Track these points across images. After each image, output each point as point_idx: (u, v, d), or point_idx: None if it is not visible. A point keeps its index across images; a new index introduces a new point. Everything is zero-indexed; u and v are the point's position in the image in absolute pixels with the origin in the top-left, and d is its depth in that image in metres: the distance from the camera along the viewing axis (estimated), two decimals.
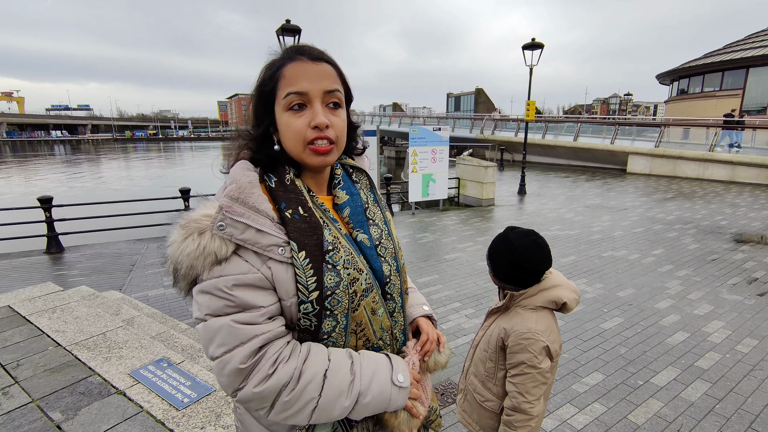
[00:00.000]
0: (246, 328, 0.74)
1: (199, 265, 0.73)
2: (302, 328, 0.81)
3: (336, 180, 0.94)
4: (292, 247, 0.76)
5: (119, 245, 7.29)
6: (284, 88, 0.80)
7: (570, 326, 3.72)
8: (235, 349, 0.73)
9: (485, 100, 48.04)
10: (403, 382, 0.84)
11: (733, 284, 4.73)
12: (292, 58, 0.82)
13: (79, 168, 34.91)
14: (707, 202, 9.72)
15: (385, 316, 0.90)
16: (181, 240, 0.74)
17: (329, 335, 0.82)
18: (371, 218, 0.94)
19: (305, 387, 0.75)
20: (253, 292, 0.75)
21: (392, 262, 0.93)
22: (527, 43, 11.00)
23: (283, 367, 0.75)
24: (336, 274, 0.79)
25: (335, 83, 0.83)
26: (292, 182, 0.83)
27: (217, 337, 0.74)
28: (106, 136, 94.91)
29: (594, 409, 2.65)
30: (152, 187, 22.63)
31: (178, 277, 0.76)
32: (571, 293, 1.41)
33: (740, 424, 2.50)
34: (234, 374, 0.74)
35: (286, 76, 0.81)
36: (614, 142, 17.36)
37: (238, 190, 0.76)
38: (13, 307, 3.20)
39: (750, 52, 21.45)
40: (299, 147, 0.82)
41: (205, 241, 0.73)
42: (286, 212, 0.79)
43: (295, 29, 8.57)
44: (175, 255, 0.74)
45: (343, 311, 0.81)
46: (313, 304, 0.78)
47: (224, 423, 1.95)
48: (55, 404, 2.09)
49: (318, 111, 0.80)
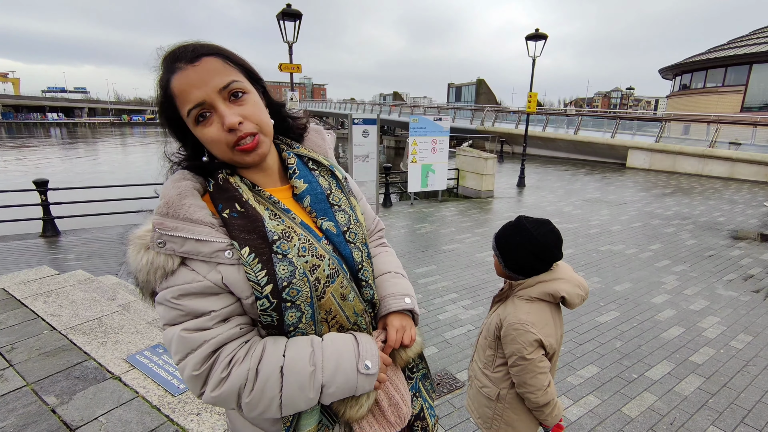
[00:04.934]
0: (195, 335, 0.73)
1: (152, 279, 0.74)
2: (265, 324, 0.79)
3: (291, 170, 0.91)
4: (235, 246, 0.75)
5: (116, 229, 7.25)
6: (182, 106, 0.77)
7: (566, 319, 3.73)
8: (187, 357, 0.74)
9: (486, 91, 47.74)
10: (371, 368, 0.81)
11: (729, 280, 4.75)
12: (171, 69, 0.77)
13: (76, 151, 34.61)
14: (706, 198, 9.73)
15: (357, 300, 0.87)
16: (134, 255, 0.75)
17: (296, 327, 0.79)
18: (336, 204, 0.92)
19: (264, 387, 0.74)
20: (200, 299, 0.74)
21: (363, 248, 0.91)
22: (531, 34, 10.86)
23: (237, 370, 0.74)
24: (288, 263, 0.76)
25: (227, 75, 0.78)
26: (225, 181, 0.82)
27: (172, 345, 0.75)
28: (103, 119, 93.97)
29: (588, 401, 2.67)
30: (149, 171, 22.48)
31: (140, 288, 0.77)
32: (574, 288, 1.40)
33: (732, 418, 2.52)
34: (191, 380, 0.74)
35: (177, 93, 0.76)
36: (614, 136, 17.31)
37: (166, 205, 0.75)
38: (7, 290, 3.18)
39: (754, 48, 21.31)
40: (227, 153, 0.79)
41: (150, 257, 0.73)
42: (224, 213, 0.77)
43: (296, 14, 8.43)
44: (132, 267, 0.75)
45: (306, 300, 0.78)
46: (269, 298, 0.75)
47: (220, 410, 1.95)
48: (50, 388, 2.08)
49: (224, 113, 0.76)
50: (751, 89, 21.48)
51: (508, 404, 1.47)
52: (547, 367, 1.38)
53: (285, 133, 0.98)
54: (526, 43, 11.02)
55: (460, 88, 53.89)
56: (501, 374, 1.47)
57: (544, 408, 1.40)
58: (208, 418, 1.89)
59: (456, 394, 2.68)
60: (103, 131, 66.40)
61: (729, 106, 21.65)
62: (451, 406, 2.58)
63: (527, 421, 1.48)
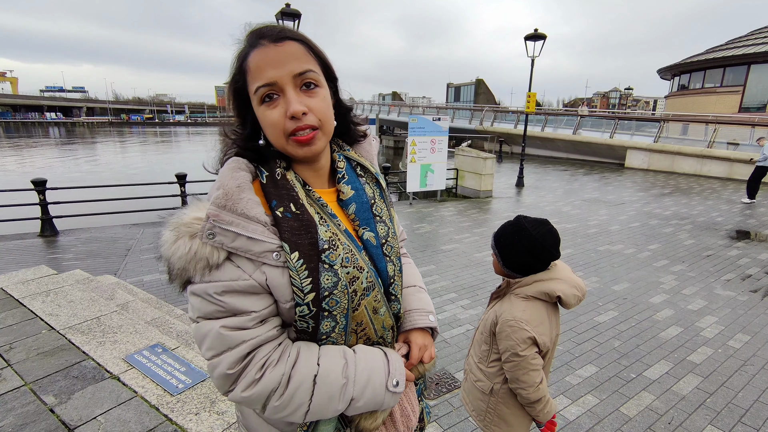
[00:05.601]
0: (234, 333, 0.72)
1: (191, 268, 0.71)
2: (299, 329, 0.78)
3: (340, 174, 0.88)
4: (284, 249, 0.72)
5: (114, 229, 7.24)
6: (253, 82, 0.75)
7: (565, 319, 3.74)
8: (222, 354, 0.72)
9: (485, 91, 47.76)
10: (398, 387, 0.81)
11: (727, 280, 4.77)
12: (254, 44, 0.76)
13: (75, 151, 34.53)
14: (704, 199, 9.75)
15: (387, 315, 0.86)
16: (173, 241, 0.71)
17: (328, 336, 0.79)
18: (378, 214, 0.89)
19: (294, 392, 0.73)
20: (243, 297, 0.72)
21: (396, 263, 0.90)
22: (529, 34, 10.87)
23: (270, 373, 0.73)
24: (333, 274, 0.75)
25: (306, 63, 0.77)
26: (282, 177, 0.79)
27: (207, 340, 0.73)
28: (101, 119, 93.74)
29: (587, 401, 2.67)
30: (148, 172, 22.45)
31: (172, 276, 0.74)
32: (570, 289, 1.41)
33: (730, 418, 2.53)
34: (222, 378, 0.73)
35: (251, 68, 0.75)
36: (613, 136, 17.33)
37: (225, 197, 0.72)
38: (6, 290, 3.17)
39: (752, 48, 21.36)
40: (281, 140, 0.77)
41: (196, 246, 0.70)
42: (277, 210, 0.75)
43: (295, 14, 8.42)
44: (167, 255, 0.72)
45: (343, 311, 0.78)
46: (309, 306, 0.74)
47: (219, 409, 1.95)
48: (49, 388, 2.08)
49: (291, 99, 0.74)
50: (750, 89, 21.54)
51: (501, 399, 1.49)
52: (539, 364, 1.39)
53: (341, 136, 0.96)
54: (525, 43, 11.03)
55: (459, 88, 53.91)
56: (495, 369, 1.49)
57: (536, 404, 1.42)
58: (206, 417, 1.89)
59: (455, 394, 2.69)
60: (101, 131, 66.26)
61: (727, 106, 21.69)
62: (450, 405, 2.58)
63: (520, 416, 1.50)
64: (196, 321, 0.75)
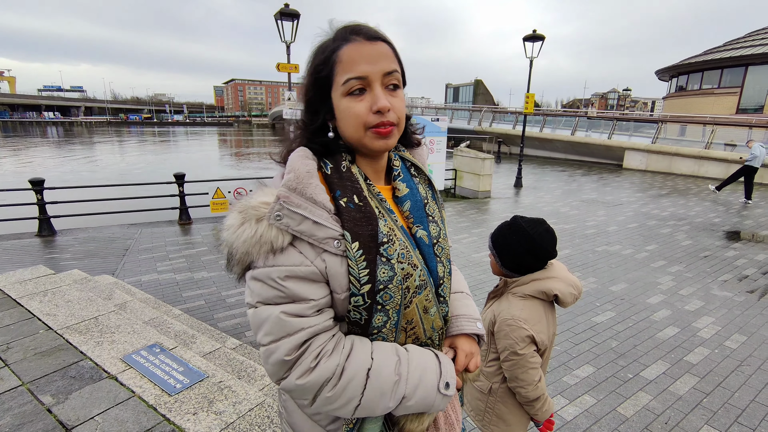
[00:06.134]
0: (294, 320, 0.73)
1: (255, 252, 0.72)
2: (352, 321, 0.79)
3: (395, 171, 0.90)
4: (345, 238, 0.74)
5: (112, 229, 7.23)
6: (342, 73, 0.77)
7: (562, 319, 3.75)
8: (281, 340, 0.73)
9: (484, 92, 47.83)
10: (449, 390, 0.81)
11: (724, 281, 4.79)
12: (348, 39, 0.78)
13: (73, 150, 34.46)
14: (701, 199, 9.78)
15: (437, 316, 0.86)
16: (238, 225, 0.73)
17: (379, 330, 0.79)
18: (431, 215, 0.91)
19: (347, 384, 0.74)
20: (304, 284, 0.74)
21: (447, 264, 0.90)
22: (528, 35, 10.90)
23: (325, 362, 0.73)
24: (390, 268, 0.76)
25: (393, 63, 0.80)
26: (348, 169, 0.81)
27: (265, 325, 0.74)
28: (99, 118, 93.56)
29: (584, 401, 2.68)
30: (146, 172, 22.40)
31: (232, 262, 0.75)
32: (567, 287, 1.42)
33: (726, 417, 2.54)
34: (278, 364, 0.74)
35: (343, 60, 0.77)
36: (611, 137, 17.38)
37: (296, 180, 0.74)
38: (3, 290, 3.16)
39: (749, 50, 21.45)
40: (360, 131, 0.79)
41: (262, 229, 0.72)
42: (341, 200, 0.76)
43: (294, 14, 8.42)
44: (231, 240, 0.73)
45: (395, 307, 0.78)
46: (364, 297, 0.76)
47: (217, 409, 1.95)
48: (46, 388, 2.07)
49: (379, 95, 0.77)
50: (747, 91, 21.63)
51: (500, 398, 1.50)
52: (538, 362, 1.40)
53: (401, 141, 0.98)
54: (523, 43, 11.05)
55: (457, 88, 53.99)
56: (493, 369, 1.50)
57: (535, 402, 1.43)
58: (204, 417, 1.89)
59: None
60: (99, 130, 66.10)
61: (725, 107, 21.79)
62: None
63: (518, 415, 1.50)
64: (254, 306, 0.75)
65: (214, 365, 2.36)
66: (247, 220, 0.73)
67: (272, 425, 1.85)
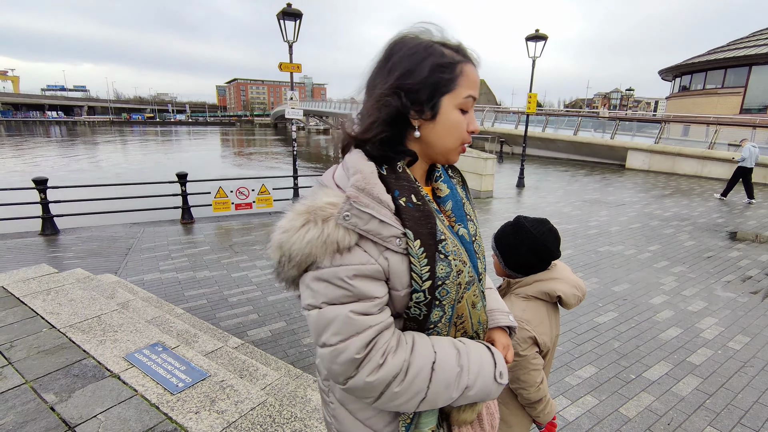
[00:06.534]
0: (362, 318, 0.74)
1: (320, 253, 0.73)
2: (411, 316, 0.81)
3: (437, 173, 0.94)
4: (407, 236, 0.76)
5: (115, 228, 7.25)
6: (465, 88, 0.80)
7: (565, 320, 3.74)
8: (350, 339, 0.73)
9: (486, 92, 47.72)
10: (503, 379, 0.85)
11: (728, 282, 4.77)
12: (469, 58, 0.82)
13: (76, 150, 34.57)
14: (705, 200, 9.74)
15: (482, 311, 0.91)
16: (299, 226, 0.74)
17: (435, 325, 0.82)
18: (468, 213, 0.95)
19: (414, 379, 0.76)
20: (370, 282, 0.75)
21: (483, 261, 0.94)
22: (531, 35, 10.87)
23: (392, 359, 0.75)
24: (447, 264, 0.79)
25: None
26: (404, 170, 0.82)
27: (333, 325, 0.74)
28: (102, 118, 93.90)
29: (586, 401, 2.67)
30: (149, 171, 22.46)
31: (288, 265, 0.75)
32: (570, 289, 1.41)
33: (729, 419, 2.53)
34: (348, 363, 0.74)
35: (469, 77, 0.80)
36: (614, 137, 17.32)
37: (363, 180, 0.75)
38: (6, 288, 3.18)
39: (753, 50, 21.34)
40: (455, 144, 0.84)
41: (329, 230, 0.72)
42: (400, 200, 0.78)
43: (296, 13, 8.43)
44: (291, 242, 0.74)
45: (450, 302, 0.82)
46: (425, 293, 0.78)
47: (219, 408, 1.95)
48: (49, 386, 2.08)
49: (473, 118, 0.84)
50: (751, 91, 21.52)
51: (501, 400, 1.48)
52: (540, 364, 1.39)
53: None
54: (526, 43, 11.03)
55: None
56: None
57: (537, 404, 1.42)
58: (206, 416, 1.89)
59: None
60: (102, 130, 66.31)
61: (728, 107, 21.69)
62: None
63: (520, 416, 1.49)
64: (318, 307, 0.75)
65: (216, 364, 2.36)
66: (310, 221, 0.73)
67: (274, 424, 1.85)
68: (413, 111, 0.80)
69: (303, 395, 2.32)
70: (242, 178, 9.59)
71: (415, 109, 0.79)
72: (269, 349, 3.31)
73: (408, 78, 0.78)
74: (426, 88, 0.79)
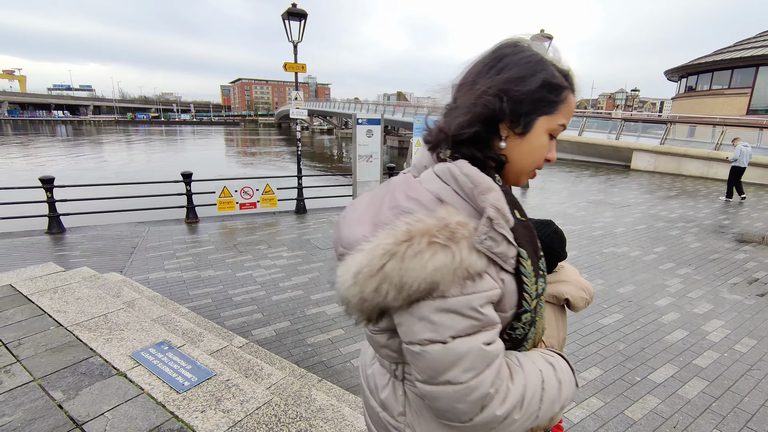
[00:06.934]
0: (492, 348, 0.66)
1: (447, 281, 0.62)
2: (513, 337, 0.76)
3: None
4: (521, 256, 0.71)
5: (121, 227, 7.29)
6: (563, 115, 0.77)
7: (569, 321, 3.73)
8: (483, 373, 0.65)
9: None
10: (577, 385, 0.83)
11: (734, 284, 4.73)
12: (572, 89, 0.78)
13: (81, 149, 34.79)
14: (711, 201, 9.68)
15: (542, 323, 0.88)
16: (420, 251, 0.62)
17: (526, 341, 0.79)
18: None
19: (530, 401, 0.70)
20: (493, 307, 0.69)
21: None
22: (536, 35, 10.84)
23: (512, 385, 0.68)
24: (543, 281, 0.77)
25: None
26: (503, 184, 0.78)
27: (464, 361, 0.64)
28: (108, 117, 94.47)
29: (591, 403, 2.66)
30: (154, 170, 22.58)
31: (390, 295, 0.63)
32: (578, 291, 1.40)
33: (736, 422, 2.52)
34: (480, 400, 0.65)
35: (570, 107, 0.77)
36: (619, 137, 17.23)
37: (499, 198, 0.68)
38: (14, 286, 3.21)
39: (760, 50, 21.15)
40: (531, 167, 0.79)
41: (462, 254, 0.63)
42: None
43: (301, 13, 8.44)
44: (404, 268, 0.62)
45: (540, 317, 0.81)
46: (533, 312, 0.75)
47: (224, 407, 1.96)
48: (57, 383, 2.10)
49: (554, 147, 0.80)
50: (758, 92, 21.34)
51: None
52: None
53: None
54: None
55: None
56: None
57: None
58: (212, 415, 1.90)
59: None
60: (108, 129, 66.69)
61: (735, 108, 21.51)
62: None
63: None
64: (443, 342, 0.64)
65: (222, 363, 2.37)
66: (433, 244, 0.62)
67: (279, 424, 1.86)
68: (508, 120, 0.74)
69: (308, 395, 2.32)
70: (246, 178, 9.63)
71: (510, 119, 0.74)
72: (273, 348, 3.32)
73: (516, 84, 0.72)
74: (529, 102, 0.73)
